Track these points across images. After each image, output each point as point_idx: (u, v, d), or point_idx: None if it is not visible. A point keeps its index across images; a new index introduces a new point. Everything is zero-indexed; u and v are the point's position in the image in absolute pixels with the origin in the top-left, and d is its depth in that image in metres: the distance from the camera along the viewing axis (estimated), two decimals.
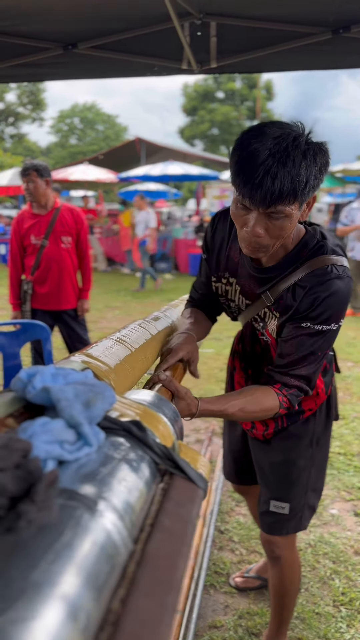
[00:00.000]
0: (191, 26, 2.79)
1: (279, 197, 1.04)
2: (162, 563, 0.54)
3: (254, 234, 1.11)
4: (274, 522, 1.57)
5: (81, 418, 0.65)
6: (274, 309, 1.30)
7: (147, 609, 0.48)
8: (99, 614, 0.45)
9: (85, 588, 0.44)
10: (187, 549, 0.59)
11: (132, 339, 1.24)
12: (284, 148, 1.02)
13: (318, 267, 1.21)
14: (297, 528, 1.58)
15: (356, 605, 1.98)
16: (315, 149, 1.06)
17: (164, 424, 0.84)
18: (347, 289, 1.20)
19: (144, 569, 0.52)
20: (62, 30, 2.97)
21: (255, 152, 1.03)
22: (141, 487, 0.64)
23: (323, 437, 1.55)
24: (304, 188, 1.05)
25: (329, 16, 2.64)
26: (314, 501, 1.60)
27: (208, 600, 2.01)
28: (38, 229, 3.19)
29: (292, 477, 1.52)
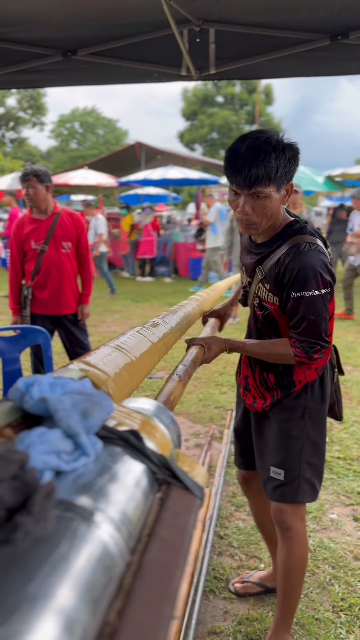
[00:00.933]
0: (190, 33, 2.82)
1: (255, 180, 1.40)
2: (158, 574, 0.54)
3: (243, 212, 1.47)
4: (274, 488, 1.71)
5: (79, 428, 0.65)
6: (265, 282, 1.60)
7: (144, 621, 0.48)
8: (95, 627, 0.45)
9: (81, 601, 0.45)
10: (184, 559, 0.60)
11: (131, 346, 1.24)
12: (258, 145, 1.40)
13: (296, 242, 1.52)
14: (295, 498, 1.69)
15: (355, 611, 1.98)
16: (284, 145, 1.42)
17: (161, 432, 0.84)
18: (316, 260, 1.48)
19: (140, 580, 0.52)
20: (61, 37, 2.99)
21: (237, 149, 1.42)
22: (138, 497, 0.64)
23: (316, 414, 1.69)
24: (275, 173, 1.41)
25: (327, 23, 2.66)
26: (312, 477, 1.70)
27: (207, 606, 2.01)
28: (38, 234, 3.20)
29: (286, 445, 1.69)
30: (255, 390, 1.78)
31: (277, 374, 1.69)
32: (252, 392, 1.79)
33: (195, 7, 2.62)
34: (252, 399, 1.79)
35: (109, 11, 2.65)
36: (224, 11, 2.67)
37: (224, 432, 3.48)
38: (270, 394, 1.71)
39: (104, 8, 2.61)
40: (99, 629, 0.45)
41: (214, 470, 2.95)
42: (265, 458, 1.75)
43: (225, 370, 4.92)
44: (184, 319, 1.77)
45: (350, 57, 2.87)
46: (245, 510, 2.61)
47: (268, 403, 1.72)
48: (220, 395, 4.24)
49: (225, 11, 2.66)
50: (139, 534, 0.60)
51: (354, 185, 13.06)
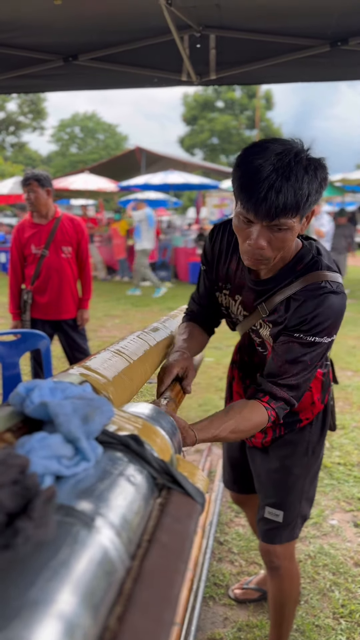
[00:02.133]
0: (191, 39, 2.82)
1: (282, 210, 1.08)
2: (159, 579, 0.54)
3: (257, 247, 1.15)
4: (269, 530, 1.59)
5: (79, 433, 0.65)
6: (267, 320, 1.34)
7: (144, 626, 0.48)
8: (95, 632, 0.45)
9: (82, 606, 0.45)
10: (185, 565, 0.59)
11: (131, 351, 1.24)
12: (286, 163, 1.07)
13: (312, 282, 1.24)
14: (290, 537, 1.60)
15: (356, 618, 1.97)
16: (316, 165, 1.11)
17: (161, 437, 0.84)
18: (340, 304, 1.23)
19: (140, 585, 0.52)
20: (62, 42, 3.00)
21: (259, 168, 1.07)
22: (139, 502, 0.64)
23: (318, 446, 1.58)
24: (305, 201, 1.10)
25: (327, 29, 2.67)
26: (307, 511, 1.62)
27: (207, 612, 2.00)
28: (38, 238, 3.20)
29: (287, 485, 1.55)
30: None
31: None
32: None
33: (196, 13, 2.63)
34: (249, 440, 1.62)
35: (109, 17, 2.66)
36: (225, 17, 2.68)
37: None
38: (272, 429, 1.53)
39: (105, 14, 2.62)
40: (99, 634, 0.45)
41: (214, 476, 2.95)
42: (262, 492, 1.62)
43: (225, 375, 4.90)
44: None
45: (350, 62, 2.88)
46: (245, 516, 2.60)
47: (268, 439, 1.55)
48: (220, 401, 4.22)
49: (226, 17, 2.67)
50: (139, 539, 0.60)
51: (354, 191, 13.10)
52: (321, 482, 2.92)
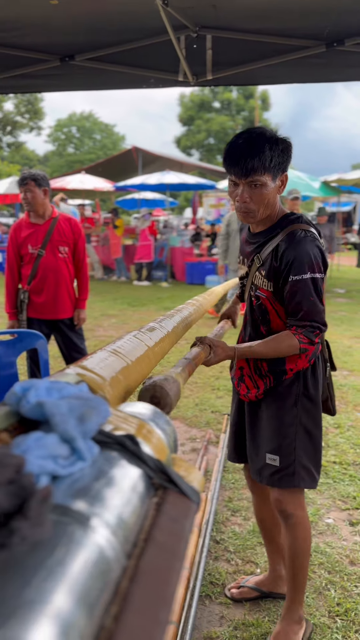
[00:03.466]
0: (187, 39, 2.83)
1: (252, 169, 1.52)
2: (155, 579, 0.54)
3: (242, 200, 1.59)
4: (270, 475, 1.77)
5: (75, 433, 0.65)
6: (262, 269, 1.69)
7: (140, 626, 0.48)
8: (91, 632, 0.45)
9: (78, 606, 0.45)
10: (181, 564, 0.60)
11: (127, 350, 1.24)
12: (253, 137, 1.54)
13: (293, 230, 1.62)
14: (291, 483, 1.74)
15: (352, 616, 1.97)
16: (277, 138, 1.56)
17: (157, 436, 0.84)
18: (312, 245, 1.59)
19: (136, 585, 0.52)
20: (59, 42, 3.00)
21: (234, 143, 1.56)
22: (135, 502, 0.64)
23: (308, 403, 1.75)
24: (270, 162, 1.53)
25: (323, 30, 2.68)
26: (308, 464, 1.76)
27: (203, 611, 2.00)
28: (35, 238, 3.20)
29: (280, 432, 1.75)
30: (249, 380, 1.83)
31: (270, 361, 1.74)
32: (246, 382, 1.84)
33: (192, 13, 2.63)
34: (246, 389, 1.84)
35: (106, 17, 2.67)
36: (221, 18, 2.69)
37: (220, 436, 3.47)
38: (263, 381, 1.77)
39: (102, 14, 2.63)
40: (95, 634, 0.45)
41: (211, 475, 2.95)
42: (260, 446, 1.82)
43: (222, 375, 4.92)
44: (180, 323, 1.77)
45: (345, 63, 2.89)
46: (242, 515, 2.61)
47: (261, 391, 1.78)
48: (217, 400, 4.24)
49: (223, 18, 2.68)
50: (136, 538, 0.60)
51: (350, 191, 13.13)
52: None
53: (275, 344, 1.64)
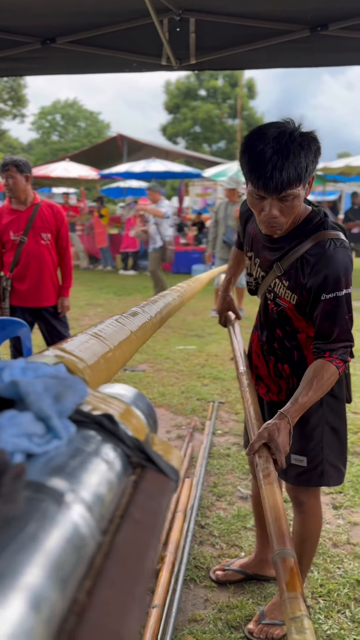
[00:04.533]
0: (170, 22, 2.80)
1: (287, 184, 1.32)
2: (130, 554, 0.54)
3: (271, 216, 1.40)
4: (298, 474, 1.72)
5: (51, 411, 0.64)
6: (284, 278, 1.56)
7: (114, 600, 0.48)
8: (63, 605, 0.45)
9: (50, 579, 0.44)
10: (157, 540, 0.60)
11: (108, 334, 1.23)
12: (284, 144, 1.29)
13: (320, 240, 1.47)
14: (320, 482, 1.73)
15: (334, 597, 2.01)
16: (308, 139, 1.34)
17: (137, 417, 0.83)
18: (345, 257, 1.46)
19: (111, 560, 0.52)
20: (40, 25, 2.95)
21: (262, 152, 1.30)
22: (112, 479, 0.64)
23: (333, 401, 1.70)
24: (305, 172, 1.34)
25: (307, 14, 2.66)
26: (336, 462, 1.73)
27: (188, 595, 2.02)
28: (17, 225, 3.16)
29: (306, 432, 1.69)
30: (269, 380, 1.78)
31: (292, 364, 1.68)
32: (265, 381, 1.80)
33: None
34: (266, 388, 1.80)
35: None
36: (205, 0, 2.66)
37: (206, 423, 3.49)
38: (285, 382, 1.72)
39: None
40: (68, 607, 0.45)
41: (196, 461, 2.97)
42: None
43: (207, 363, 4.93)
44: (164, 309, 1.76)
45: (330, 48, 2.88)
46: (227, 500, 2.63)
47: (284, 393, 1.72)
48: (202, 388, 4.25)
49: (206, 0, 2.65)
50: (112, 515, 0.60)
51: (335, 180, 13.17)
52: None
53: (319, 385, 1.45)
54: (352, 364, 4.95)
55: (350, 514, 2.55)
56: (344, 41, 2.78)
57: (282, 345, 1.70)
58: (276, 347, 1.72)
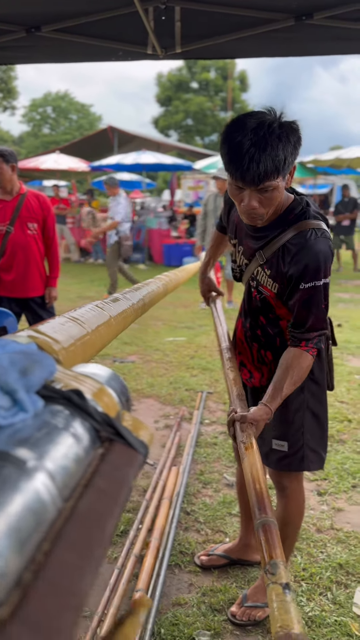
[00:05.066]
0: (155, 11, 2.78)
1: (264, 176, 1.32)
2: (91, 520, 0.55)
3: (250, 207, 1.40)
4: (279, 459, 1.75)
5: (17, 385, 0.65)
6: (266, 267, 1.58)
7: (71, 561, 0.49)
8: (19, 565, 0.46)
9: (6, 538, 0.46)
10: (120, 509, 0.61)
11: (87, 318, 1.24)
12: (261, 136, 1.28)
13: (302, 229, 1.48)
14: (301, 467, 1.75)
15: (316, 580, 2.04)
16: (287, 130, 1.32)
17: (108, 395, 0.84)
18: (325, 247, 1.47)
19: (71, 525, 0.53)
20: (25, 13, 2.93)
21: (240, 144, 1.29)
22: (78, 451, 0.65)
23: (315, 387, 1.72)
24: (283, 164, 1.33)
25: (291, 3, 2.66)
26: (317, 447, 1.75)
27: (172, 579, 2.04)
28: (3, 214, 3.15)
29: (287, 418, 1.71)
30: (252, 366, 1.81)
31: (274, 350, 1.69)
32: (248, 367, 1.82)
33: None
34: (249, 374, 1.82)
35: None
36: None
37: (194, 413, 3.51)
38: (267, 368, 1.74)
39: None
40: (24, 566, 0.46)
41: (183, 450, 2.99)
42: (265, 431, 1.70)
43: (197, 354, 4.95)
44: (146, 296, 1.77)
45: (315, 37, 2.88)
46: (212, 487, 2.65)
47: (265, 378, 1.74)
48: (191, 378, 4.27)
49: None
50: (76, 484, 0.61)
51: (326, 172, 13.19)
52: None
53: (298, 374, 1.51)
54: (339, 355, 4.97)
55: (335, 500, 2.58)
56: (329, 30, 2.78)
57: (265, 332, 1.72)
58: (259, 334, 1.73)
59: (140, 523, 2.30)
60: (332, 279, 1.58)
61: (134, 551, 2.06)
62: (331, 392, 3.98)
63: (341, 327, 6.02)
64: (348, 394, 3.94)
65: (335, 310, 7.05)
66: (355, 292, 8.80)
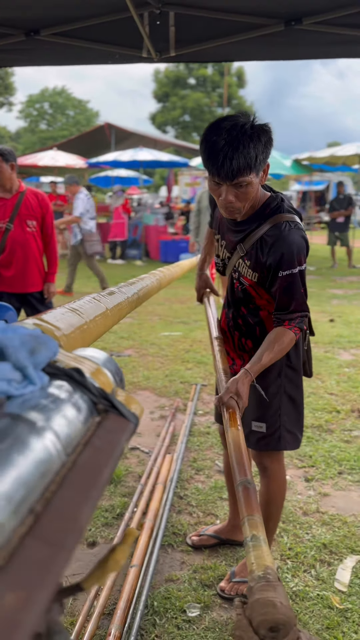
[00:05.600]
0: (150, 15, 2.89)
1: (237, 172, 1.48)
2: (89, 470, 0.67)
3: (227, 201, 1.57)
4: (258, 440, 1.89)
5: (26, 362, 0.77)
6: (246, 258, 1.73)
7: (73, 497, 0.61)
8: (32, 498, 0.58)
9: (21, 480, 0.57)
10: (113, 463, 0.73)
11: (85, 309, 1.35)
12: (234, 136, 1.46)
13: (277, 222, 1.64)
14: (278, 446, 1.89)
15: (301, 558, 2.16)
16: (258, 131, 1.49)
17: (104, 374, 0.96)
18: (299, 238, 1.62)
19: (73, 472, 0.65)
20: (24, 17, 3.03)
21: (215, 143, 1.48)
22: (79, 418, 0.77)
23: (291, 373, 1.86)
24: (255, 161, 1.49)
25: (281, 9, 2.76)
26: (293, 428, 1.90)
27: (165, 558, 2.16)
28: (3, 212, 3.25)
29: (265, 402, 1.84)
30: (233, 353, 1.94)
31: (254, 339, 1.83)
32: (231, 355, 1.94)
33: None
34: (232, 361, 1.94)
35: None
36: None
37: (188, 404, 3.63)
38: (248, 355, 1.84)
39: None
40: (36, 500, 0.58)
41: (177, 439, 3.11)
42: (246, 414, 1.83)
43: (192, 348, 5.06)
44: (140, 291, 1.89)
45: (304, 42, 2.99)
46: (205, 473, 2.78)
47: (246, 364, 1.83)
48: (186, 371, 4.39)
49: None
50: (77, 443, 0.73)
51: (321, 169, 13.30)
52: None
53: (279, 347, 1.64)
54: (331, 349, 5.06)
55: (321, 485, 2.71)
56: (317, 35, 2.89)
57: (245, 321, 1.85)
58: (240, 323, 1.86)
59: (135, 506, 2.42)
60: (326, 275, 1.73)
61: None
62: (321, 384, 4.11)
63: (334, 322, 6.14)
64: (337, 386, 4.06)
65: (328, 305, 7.18)
66: (349, 288, 8.93)
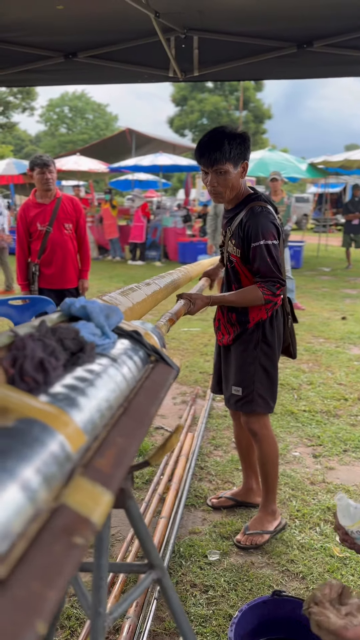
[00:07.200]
0: (176, 40, 3.23)
1: (214, 160, 2.00)
2: (151, 389, 1.01)
3: (212, 185, 2.08)
4: (235, 402, 2.28)
5: (104, 323, 1.11)
6: (233, 239, 2.16)
7: (141, 403, 0.94)
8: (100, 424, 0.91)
9: (110, 391, 0.91)
10: (159, 402, 1.05)
11: (132, 295, 1.71)
12: (214, 135, 2.02)
13: (252, 206, 2.09)
14: (250, 408, 2.24)
15: (307, 518, 2.47)
16: (235, 134, 2.01)
17: (152, 337, 1.30)
18: (265, 218, 2.06)
19: (142, 390, 0.99)
20: (63, 41, 3.39)
21: (202, 140, 2.04)
22: (139, 363, 1.11)
23: (266, 347, 2.22)
24: (229, 153, 1.99)
25: (293, 33, 3.08)
26: (265, 394, 2.24)
27: (189, 516, 2.50)
28: (43, 217, 3.61)
29: (242, 369, 2.24)
30: (224, 328, 2.30)
31: (237, 313, 2.22)
32: (222, 330, 2.31)
33: (180, 18, 3.03)
34: (222, 335, 2.33)
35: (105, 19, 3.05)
36: (206, 22, 3.08)
37: (207, 392, 3.96)
38: (233, 329, 2.25)
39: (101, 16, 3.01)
40: (94, 437, 0.91)
41: (197, 420, 3.44)
42: (229, 380, 2.31)
43: (210, 342, 5.39)
44: (171, 283, 2.24)
45: (315, 62, 3.30)
46: (223, 449, 3.10)
47: (231, 337, 2.26)
48: (205, 363, 4.72)
49: (207, 22, 3.08)
50: (141, 377, 1.07)
51: (337, 173, 13.52)
52: (287, 424, 3.44)
53: (243, 294, 2.10)
54: (342, 344, 5.32)
55: (328, 461, 3.02)
56: (327, 56, 3.20)
57: None
58: None
59: (161, 474, 2.76)
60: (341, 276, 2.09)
61: (158, 491, 2.53)
62: (331, 376, 4.40)
63: (346, 320, 6.42)
64: (347, 377, 4.36)
65: (341, 304, 7.44)
66: None
